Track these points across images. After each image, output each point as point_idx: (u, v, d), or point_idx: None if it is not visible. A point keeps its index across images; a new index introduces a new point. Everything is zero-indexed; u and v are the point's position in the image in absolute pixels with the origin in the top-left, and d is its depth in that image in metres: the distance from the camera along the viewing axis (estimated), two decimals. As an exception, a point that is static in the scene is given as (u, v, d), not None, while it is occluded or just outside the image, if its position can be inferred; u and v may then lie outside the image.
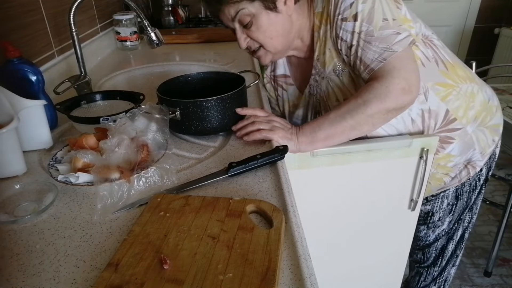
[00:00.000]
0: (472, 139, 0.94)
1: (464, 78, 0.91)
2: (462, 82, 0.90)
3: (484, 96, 0.94)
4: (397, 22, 0.78)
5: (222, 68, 1.41)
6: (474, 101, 0.92)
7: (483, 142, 0.96)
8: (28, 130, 0.78)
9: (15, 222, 0.59)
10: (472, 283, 1.63)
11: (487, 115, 0.95)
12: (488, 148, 0.99)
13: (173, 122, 0.82)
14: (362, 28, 0.78)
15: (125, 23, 1.64)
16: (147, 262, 0.49)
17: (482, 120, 0.95)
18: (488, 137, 0.97)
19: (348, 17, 0.79)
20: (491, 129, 0.97)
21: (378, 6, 0.77)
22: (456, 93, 0.90)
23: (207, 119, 0.81)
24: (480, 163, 1.00)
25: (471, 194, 1.05)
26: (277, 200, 0.63)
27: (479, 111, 0.93)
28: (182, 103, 0.80)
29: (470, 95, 0.91)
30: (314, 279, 0.48)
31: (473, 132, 0.94)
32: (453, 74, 0.90)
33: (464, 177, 1.01)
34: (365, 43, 0.78)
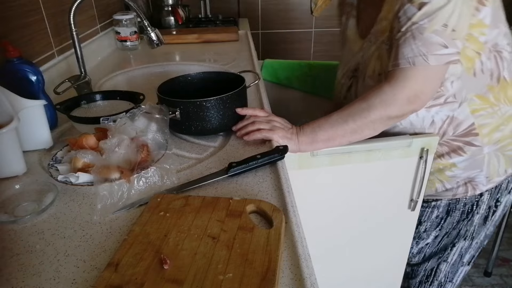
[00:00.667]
0: (484, 160, 0.90)
1: (510, 100, 0.86)
2: (507, 103, 0.86)
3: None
4: (455, 34, 0.72)
5: (222, 68, 1.41)
6: (507, 125, 0.88)
7: (493, 167, 0.91)
8: (28, 130, 0.78)
9: (15, 222, 0.59)
10: (472, 283, 1.63)
11: (510, 143, 0.90)
12: (497, 176, 0.93)
13: (173, 122, 0.82)
14: (420, 20, 0.72)
15: (125, 23, 1.64)
16: (147, 262, 0.49)
17: (504, 146, 0.90)
18: (501, 165, 0.92)
19: (415, 2, 0.72)
20: (508, 158, 0.92)
21: (449, 8, 0.71)
22: (491, 111, 0.85)
23: (207, 119, 0.81)
24: (482, 187, 0.94)
25: (464, 216, 1.00)
26: (277, 200, 0.63)
27: (505, 136, 0.89)
28: (182, 103, 0.80)
29: (507, 118, 0.87)
30: (314, 279, 0.48)
31: (488, 154, 0.90)
32: (501, 92, 0.85)
33: (460, 194, 0.96)
34: (410, 36, 0.73)
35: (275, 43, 2.73)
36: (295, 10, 2.62)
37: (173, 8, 2.05)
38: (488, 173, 0.92)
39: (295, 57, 2.76)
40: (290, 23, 2.66)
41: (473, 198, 0.97)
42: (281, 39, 2.71)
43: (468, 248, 1.07)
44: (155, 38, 1.15)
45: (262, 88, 1.14)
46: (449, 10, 0.71)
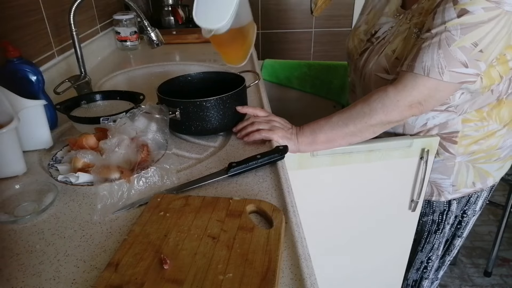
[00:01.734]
0: (453, 168, 0.91)
1: (501, 119, 0.86)
2: (496, 121, 0.85)
3: (498, 142, 0.89)
4: (481, 55, 0.68)
5: (222, 68, 1.41)
6: (487, 140, 0.87)
7: (461, 177, 0.92)
8: (28, 130, 0.78)
9: (15, 222, 0.59)
10: (472, 283, 1.63)
11: (485, 157, 0.90)
12: (464, 187, 0.93)
13: (173, 122, 0.82)
14: (453, 30, 0.67)
15: (125, 23, 1.64)
16: (147, 262, 0.49)
17: (476, 159, 0.90)
18: (469, 176, 0.92)
19: (458, 4, 0.67)
20: (478, 171, 0.91)
21: (488, 27, 0.66)
22: (480, 125, 0.85)
23: (207, 119, 0.81)
24: (448, 195, 0.95)
25: (435, 225, 1.01)
26: (277, 200, 0.63)
27: (481, 150, 0.89)
28: (182, 103, 0.80)
29: (488, 135, 0.87)
30: (314, 279, 0.48)
31: (459, 163, 0.90)
32: (495, 109, 0.84)
33: (427, 195, 0.98)
34: (436, 43, 0.69)
35: (275, 43, 2.73)
36: (295, 10, 2.62)
37: (173, 8, 2.05)
38: (455, 181, 0.92)
39: (295, 57, 2.76)
40: (290, 23, 2.66)
41: (441, 205, 0.98)
42: (281, 39, 2.71)
43: (441, 265, 1.10)
44: (155, 38, 1.15)
45: (262, 88, 1.14)
46: (486, 29, 0.66)
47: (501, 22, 0.65)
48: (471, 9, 0.66)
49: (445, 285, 1.61)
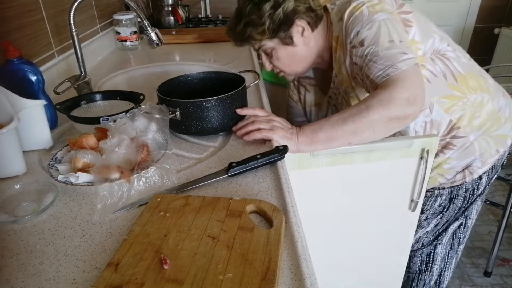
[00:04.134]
0: (474, 147, 0.95)
1: (474, 89, 0.92)
2: (472, 92, 0.92)
3: (493, 106, 0.94)
4: (404, 43, 0.80)
5: (222, 68, 1.41)
6: (481, 111, 0.93)
7: (485, 151, 0.96)
8: (28, 130, 0.78)
9: (15, 222, 0.59)
10: (472, 283, 1.63)
11: (493, 124, 0.95)
12: (490, 157, 0.98)
13: (173, 122, 0.82)
14: (369, 49, 0.81)
15: (125, 23, 1.64)
16: (147, 262, 0.49)
17: (487, 129, 0.95)
18: (491, 146, 0.97)
19: (356, 44, 0.83)
20: (496, 139, 0.97)
21: (384, 29, 0.80)
22: (462, 104, 0.91)
23: (207, 119, 0.81)
24: (479, 170, 0.99)
25: (466, 201, 1.04)
26: (277, 200, 0.63)
27: (484, 120, 0.94)
28: (182, 103, 0.80)
29: (478, 105, 0.93)
30: (314, 279, 0.48)
31: (476, 140, 0.95)
32: (463, 85, 0.91)
33: (459, 180, 1.01)
34: (371, 62, 0.80)
35: (275, 43, 2.72)
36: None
37: (173, 8, 2.05)
38: (481, 156, 0.97)
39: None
40: (290, 23, 2.66)
41: (473, 182, 1.01)
42: (281, 39, 2.71)
43: (460, 225, 1.11)
44: (155, 38, 1.15)
45: (262, 88, 1.14)
46: (384, 31, 0.80)
47: (386, 23, 0.80)
48: (363, 37, 0.81)
49: (445, 285, 1.61)
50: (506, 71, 2.63)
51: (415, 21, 0.88)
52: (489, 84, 0.96)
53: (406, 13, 0.88)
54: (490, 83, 0.97)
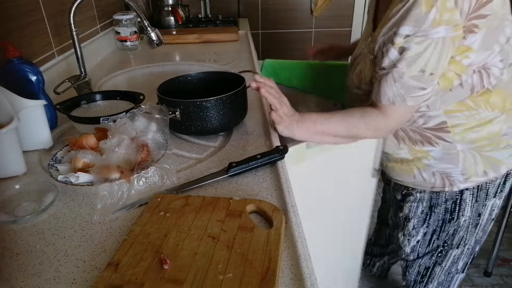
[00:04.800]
0: (459, 157, 0.91)
1: (493, 106, 0.85)
2: (487, 108, 0.85)
3: (501, 128, 0.88)
4: (433, 76, 0.77)
5: (222, 68, 1.41)
6: (483, 128, 0.87)
7: (469, 166, 0.91)
8: (28, 130, 0.78)
9: (15, 222, 0.59)
10: (472, 283, 1.63)
11: (489, 144, 0.89)
12: (475, 176, 0.93)
13: (173, 122, 0.82)
14: (399, 64, 0.77)
15: (125, 23, 1.64)
16: (147, 262, 0.49)
17: (480, 147, 0.89)
18: (478, 164, 0.91)
19: (395, 44, 0.76)
20: (487, 159, 0.91)
21: (428, 53, 0.74)
22: (468, 114, 0.86)
23: (207, 119, 0.81)
24: (460, 184, 0.95)
25: (448, 216, 1.01)
26: (277, 200, 0.63)
27: (482, 138, 0.88)
28: (182, 103, 0.80)
29: (485, 122, 0.87)
30: (314, 279, 0.48)
31: (463, 151, 0.90)
32: (482, 99, 0.85)
33: (438, 187, 0.97)
34: (391, 77, 0.79)
35: (275, 43, 2.72)
36: (295, 10, 2.62)
37: (173, 8, 2.05)
38: (463, 170, 0.92)
39: (295, 57, 2.76)
40: (290, 23, 2.66)
41: (453, 194, 0.98)
42: (281, 39, 2.71)
43: (460, 255, 1.09)
44: (155, 38, 1.15)
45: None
46: (426, 56, 0.74)
47: (437, 47, 0.73)
48: (407, 46, 0.75)
49: (445, 285, 1.61)
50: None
51: (485, 27, 0.75)
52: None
53: (481, 18, 0.74)
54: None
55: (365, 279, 1.65)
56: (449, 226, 1.03)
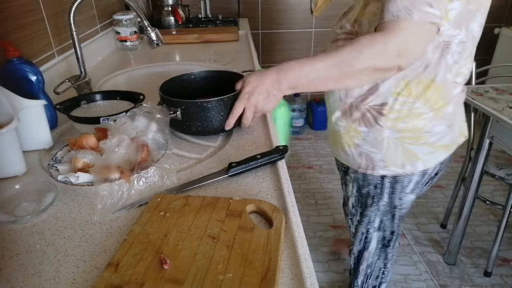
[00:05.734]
0: (383, 143, 0.92)
1: (427, 100, 0.87)
2: (422, 101, 0.87)
3: (426, 126, 0.89)
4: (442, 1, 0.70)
5: (223, 67, 1.41)
6: (411, 120, 0.89)
7: (390, 153, 0.93)
8: (28, 130, 0.78)
9: (15, 222, 0.59)
10: (472, 283, 1.63)
11: (411, 137, 0.91)
12: (394, 166, 0.94)
13: (174, 122, 0.82)
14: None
15: (125, 23, 1.64)
16: (147, 262, 0.49)
17: (404, 137, 0.91)
18: (398, 155, 0.93)
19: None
20: (406, 152, 0.92)
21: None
22: (406, 101, 0.87)
23: (208, 119, 0.81)
24: (379, 170, 0.96)
25: (372, 200, 1.04)
26: (277, 200, 0.63)
27: (408, 129, 0.90)
28: (184, 104, 0.80)
29: (414, 115, 0.88)
30: (314, 279, 0.48)
31: (387, 138, 0.91)
32: (423, 88, 0.86)
33: (363, 168, 0.99)
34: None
35: (275, 43, 2.73)
36: (295, 10, 2.62)
37: (173, 8, 2.05)
38: (385, 157, 0.94)
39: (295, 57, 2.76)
40: (290, 23, 2.66)
41: (376, 180, 1.01)
42: (281, 39, 2.71)
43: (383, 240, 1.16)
44: (155, 38, 1.15)
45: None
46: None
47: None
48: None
49: (445, 285, 1.60)
50: (506, 71, 2.63)
51: (464, 2, 0.76)
52: (448, 111, 0.90)
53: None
54: (449, 111, 0.89)
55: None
56: (370, 211, 1.09)
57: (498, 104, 1.36)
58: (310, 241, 1.85)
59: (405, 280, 1.63)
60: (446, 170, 2.34)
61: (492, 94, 1.45)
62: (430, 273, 1.67)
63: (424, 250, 1.79)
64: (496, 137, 1.40)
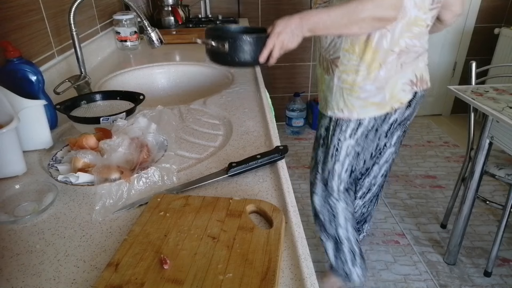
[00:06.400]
0: (333, 89, 1.17)
1: (364, 60, 1.08)
2: (360, 59, 1.08)
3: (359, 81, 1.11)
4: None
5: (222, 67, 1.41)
6: (351, 75, 1.11)
7: (336, 99, 1.17)
8: (28, 130, 0.78)
9: (15, 222, 0.59)
10: (472, 283, 1.63)
11: (349, 89, 1.13)
12: (337, 110, 1.18)
13: (218, 55, 0.93)
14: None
15: (125, 23, 1.64)
16: (147, 262, 0.49)
17: (345, 88, 1.14)
18: (340, 101, 1.17)
19: None
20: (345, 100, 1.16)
21: None
22: (351, 57, 1.09)
23: (248, 53, 0.90)
24: (328, 111, 1.22)
25: (321, 139, 1.30)
26: (277, 200, 0.63)
27: (348, 82, 1.12)
28: (232, 36, 0.90)
29: (354, 70, 1.10)
30: (314, 279, 0.48)
31: (336, 86, 1.16)
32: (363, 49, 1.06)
33: (322, 108, 1.27)
34: None
35: (275, 43, 2.72)
36: (295, 10, 2.62)
37: (173, 8, 2.05)
38: (332, 100, 1.19)
39: (294, 57, 2.76)
40: (290, 23, 2.66)
41: (326, 121, 1.25)
42: (281, 39, 2.71)
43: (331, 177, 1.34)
44: (155, 38, 1.15)
45: (263, 91, 1.14)
46: None
47: None
48: None
49: (445, 285, 1.60)
50: (506, 71, 2.63)
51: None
52: (380, 74, 1.09)
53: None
54: (381, 74, 1.09)
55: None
56: (319, 151, 1.31)
57: (498, 104, 1.36)
58: (310, 241, 1.85)
59: (405, 280, 1.63)
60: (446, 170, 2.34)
61: (492, 94, 1.45)
62: (430, 273, 1.67)
63: (424, 250, 1.79)
64: (496, 137, 1.40)
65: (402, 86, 1.12)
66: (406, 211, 2.06)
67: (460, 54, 3.00)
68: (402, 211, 2.05)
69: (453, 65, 3.05)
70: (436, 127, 3.00)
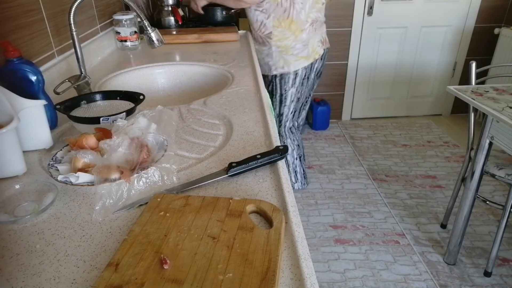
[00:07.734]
0: (273, 54, 1.79)
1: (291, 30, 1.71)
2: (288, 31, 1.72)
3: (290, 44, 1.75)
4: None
5: (222, 68, 1.41)
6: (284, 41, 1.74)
7: (276, 61, 1.81)
8: (28, 130, 0.78)
9: (15, 222, 0.59)
10: (472, 283, 1.63)
11: (284, 51, 1.77)
12: (280, 68, 1.82)
13: None
14: None
15: (125, 23, 1.64)
16: (147, 262, 0.49)
17: (282, 51, 1.77)
18: (280, 61, 1.80)
19: None
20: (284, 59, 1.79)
21: None
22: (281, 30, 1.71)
23: None
24: (273, 71, 1.83)
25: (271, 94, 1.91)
26: (277, 200, 0.63)
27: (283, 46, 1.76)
28: None
29: (285, 38, 1.73)
30: (314, 279, 0.48)
31: (274, 52, 1.78)
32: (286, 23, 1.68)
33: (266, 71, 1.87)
34: None
35: (275, 43, 2.72)
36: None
37: (173, 8, 2.05)
38: (274, 63, 1.81)
39: (295, 57, 2.76)
40: (290, 23, 2.66)
41: (272, 79, 1.87)
42: (281, 39, 2.71)
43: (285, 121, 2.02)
44: (155, 38, 1.15)
45: (263, 91, 1.14)
46: None
47: None
48: None
49: (445, 285, 1.60)
50: (506, 71, 2.63)
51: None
52: (303, 36, 1.74)
53: None
54: (303, 36, 1.74)
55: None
56: (273, 102, 1.84)
57: (498, 104, 1.36)
58: (310, 241, 1.85)
59: (405, 280, 1.63)
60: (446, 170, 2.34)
61: (492, 94, 1.45)
62: (430, 273, 1.67)
63: (424, 250, 1.79)
64: (496, 137, 1.40)
65: (317, 44, 1.80)
66: (406, 211, 2.06)
67: (460, 54, 3.00)
68: (402, 211, 2.06)
69: (453, 65, 3.05)
70: (436, 127, 3.00)
